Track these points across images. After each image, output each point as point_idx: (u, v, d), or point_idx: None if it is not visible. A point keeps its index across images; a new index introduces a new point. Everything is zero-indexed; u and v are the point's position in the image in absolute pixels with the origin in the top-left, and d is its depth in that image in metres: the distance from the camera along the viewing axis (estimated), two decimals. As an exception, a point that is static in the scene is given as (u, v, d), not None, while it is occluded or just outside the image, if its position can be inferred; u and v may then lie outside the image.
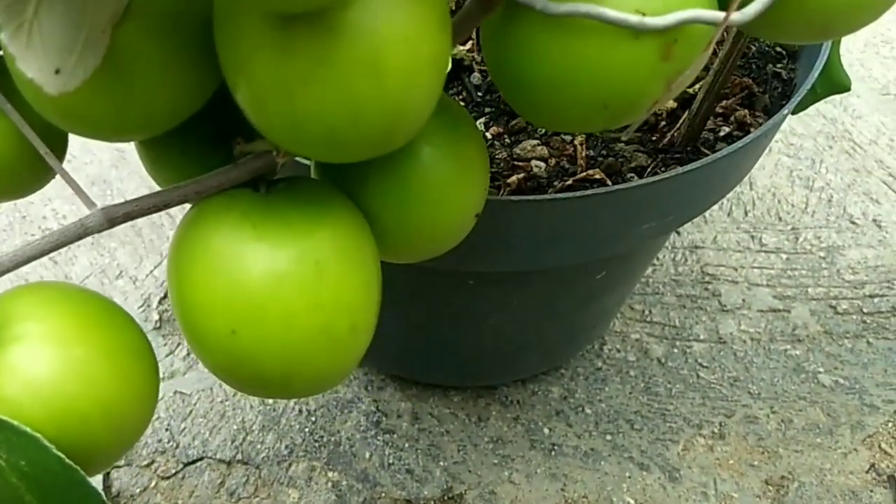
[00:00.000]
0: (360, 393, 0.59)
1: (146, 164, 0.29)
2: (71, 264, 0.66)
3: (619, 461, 0.55)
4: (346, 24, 0.20)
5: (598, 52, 0.23)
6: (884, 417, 0.57)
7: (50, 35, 0.19)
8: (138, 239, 0.67)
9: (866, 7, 0.24)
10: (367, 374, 0.59)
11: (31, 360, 0.23)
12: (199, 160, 0.27)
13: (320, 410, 0.58)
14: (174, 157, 0.28)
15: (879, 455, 0.56)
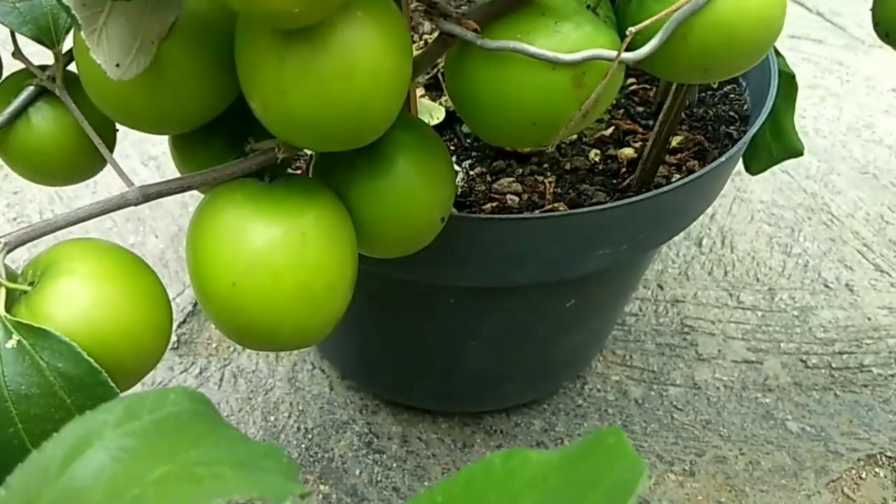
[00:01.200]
0: (355, 415, 0.65)
1: (175, 156, 0.37)
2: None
3: (592, 491, 0.60)
4: (327, 43, 0.28)
5: (524, 80, 0.31)
6: (847, 464, 0.62)
7: (114, 40, 0.28)
8: (165, 270, 0.75)
9: (739, 56, 0.32)
10: (362, 399, 0.66)
11: (75, 289, 0.31)
12: (217, 155, 0.36)
13: (317, 429, 0.65)
14: (198, 152, 0.36)
15: (842, 499, 0.61)
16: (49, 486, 0.21)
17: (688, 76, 0.33)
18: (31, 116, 0.35)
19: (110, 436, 0.22)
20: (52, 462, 0.21)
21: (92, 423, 0.22)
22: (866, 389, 0.66)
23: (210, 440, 0.22)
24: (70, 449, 0.21)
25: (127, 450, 0.21)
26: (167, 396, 0.23)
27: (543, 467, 0.21)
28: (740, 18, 0.31)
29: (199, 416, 0.23)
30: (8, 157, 0.36)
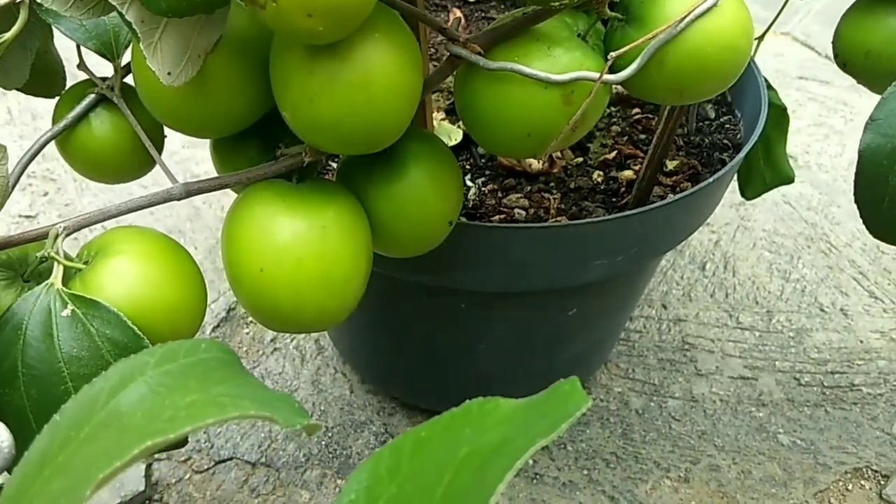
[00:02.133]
0: (373, 416, 0.69)
1: (215, 159, 0.42)
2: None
3: (593, 493, 0.63)
4: (349, 58, 0.32)
5: (520, 97, 0.35)
6: (835, 476, 0.64)
7: (167, 52, 0.32)
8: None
9: (709, 80, 0.36)
10: (379, 402, 0.69)
11: (123, 268, 0.35)
12: (251, 158, 0.40)
13: (336, 428, 0.68)
14: (235, 154, 0.40)
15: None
16: (97, 411, 0.25)
17: (664, 97, 0.37)
18: (92, 121, 0.40)
19: (150, 373, 0.25)
20: (100, 393, 0.25)
21: (135, 362, 0.26)
22: (856, 407, 0.68)
23: (234, 381, 0.26)
24: (116, 382, 0.25)
25: (163, 384, 0.25)
26: (199, 345, 0.27)
27: (511, 409, 0.24)
28: (710, 47, 0.34)
29: (226, 363, 0.27)
30: (69, 156, 0.41)
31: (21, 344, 0.34)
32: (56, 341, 0.34)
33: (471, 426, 0.24)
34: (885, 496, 0.61)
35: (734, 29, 0.35)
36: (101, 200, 0.89)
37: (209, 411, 0.23)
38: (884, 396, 0.68)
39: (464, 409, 0.25)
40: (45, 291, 0.34)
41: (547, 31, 0.35)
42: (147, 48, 0.31)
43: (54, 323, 0.34)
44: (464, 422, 0.24)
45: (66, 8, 0.33)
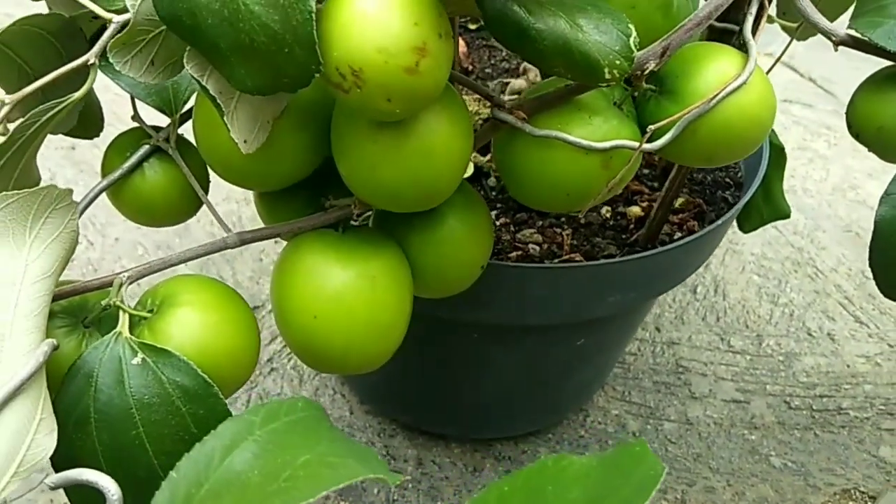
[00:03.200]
0: (374, 438, 0.73)
1: (261, 207, 0.46)
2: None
3: (591, 515, 0.68)
4: (412, 129, 0.37)
5: (563, 161, 0.40)
6: (824, 497, 0.70)
7: (241, 121, 0.36)
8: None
9: (736, 148, 0.41)
10: (380, 423, 0.74)
11: (190, 316, 0.39)
12: (297, 208, 0.44)
13: (340, 449, 0.72)
14: (282, 205, 0.44)
15: (817, 530, 0.69)
16: (213, 470, 0.29)
17: (693, 162, 0.42)
18: (146, 170, 0.44)
19: (258, 433, 0.29)
20: (213, 452, 0.29)
21: (242, 422, 0.30)
22: (843, 430, 0.74)
23: (330, 438, 0.30)
24: (228, 442, 0.29)
25: (271, 443, 0.29)
26: (297, 404, 0.31)
27: (585, 467, 0.29)
28: (738, 120, 0.39)
29: (319, 420, 0.31)
30: (121, 203, 0.45)
31: (93, 391, 0.37)
32: (127, 388, 0.37)
33: (551, 483, 0.28)
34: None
35: (761, 104, 0.40)
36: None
37: (323, 473, 0.27)
38: (870, 420, 0.75)
39: (539, 465, 0.29)
40: (115, 340, 0.38)
41: (588, 102, 0.40)
42: (226, 117, 0.35)
43: (125, 371, 0.37)
44: (542, 478, 0.29)
45: (140, 73, 0.37)
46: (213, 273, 0.84)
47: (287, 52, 0.32)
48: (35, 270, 0.35)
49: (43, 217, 0.36)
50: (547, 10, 0.36)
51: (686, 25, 0.38)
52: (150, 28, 0.36)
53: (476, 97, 0.64)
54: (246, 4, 0.32)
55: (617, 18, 0.36)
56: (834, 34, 0.40)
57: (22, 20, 0.38)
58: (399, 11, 0.32)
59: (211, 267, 0.85)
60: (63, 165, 0.94)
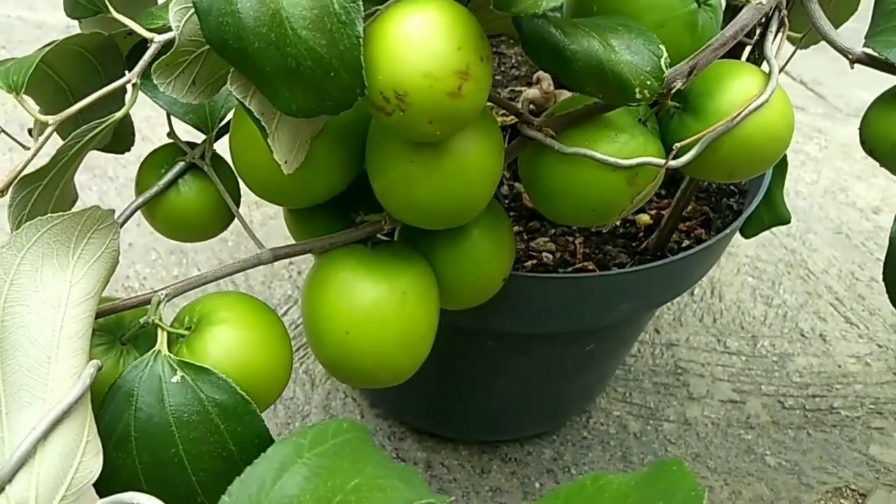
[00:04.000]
0: (384, 441, 0.73)
1: (291, 223, 0.45)
2: (145, 318, 0.81)
3: (596, 514, 0.68)
4: (449, 148, 0.37)
5: (589, 178, 0.40)
6: (817, 495, 0.71)
7: (282, 141, 0.36)
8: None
9: (757, 164, 0.41)
10: (390, 426, 0.74)
11: (228, 334, 0.39)
12: (327, 224, 0.44)
13: (350, 452, 0.72)
14: (312, 221, 0.44)
15: (812, 526, 0.69)
16: (265, 491, 0.28)
17: (714, 177, 0.42)
18: (181, 187, 0.43)
19: (307, 456, 0.29)
20: (265, 475, 0.29)
21: (290, 445, 0.30)
22: (835, 429, 0.75)
23: (375, 460, 0.30)
24: (278, 465, 0.29)
25: (321, 467, 0.29)
26: (342, 425, 0.31)
27: (624, 486, 0.29)
28: (760, 137, 0.40)
29: (364, 440, 0.31)
30: (155, 219, 0.44)
31: (133, 409, 0.37)
32: (167, 406, 0.37)
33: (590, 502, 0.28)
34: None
35: (781, 122, 0.40)
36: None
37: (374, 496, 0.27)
38: (861, 419, 0.75)
39: (578, 484, 0.29)
40: (154, 358, 0.37)
41: (614, 119, 0.40)
42: (269, 137, 0.35)
43: (165, 389, 0.37)
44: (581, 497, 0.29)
45: (182, 94, 0.36)
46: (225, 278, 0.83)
47: (333, 75, 0.32)
48: (79, 292, 0.34)
49: (86, 238, 0.35)
50: (581, 31, 0.36)
51: (713, 45, 0.38)
52: (193, 49, 0.36)
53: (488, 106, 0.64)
54: (294, 29, 0.32)
55: (648, 39, 0.36)
56: (851, 53, 0.41)
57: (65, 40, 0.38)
58: (444, 36, 0.32)
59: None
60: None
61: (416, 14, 0.33)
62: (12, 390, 0.33)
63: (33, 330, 0.33)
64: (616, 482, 0.30)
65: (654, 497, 0.28)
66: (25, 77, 0.35)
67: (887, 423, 0.75)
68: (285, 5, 0.32)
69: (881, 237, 0.92)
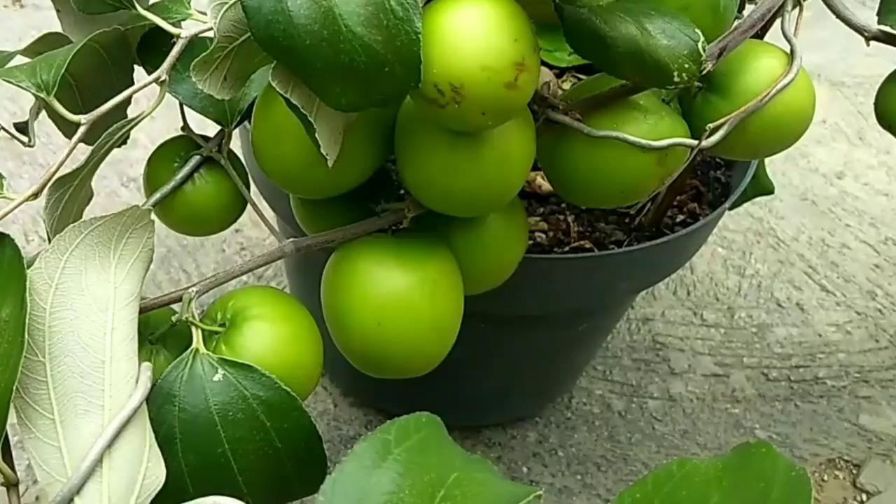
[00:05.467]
0: (361, 430, 0.76)
1: (302, 215, 0.48)
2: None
3: (589, 498, 0.74)
4: (489, 138, 0.40)
5: (620, 161, 0.44)
6: (811, 468, 0.78)
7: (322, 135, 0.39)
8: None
9: (783, 141, 0.46)
10: (365, 415, 0.77)
11: (265, 330, 0.42)
12: (342, 214, 0.47)
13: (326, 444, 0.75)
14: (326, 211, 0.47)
15: (800, 497, 0.76)
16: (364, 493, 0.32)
17: (739, 155, 0.47)
18: (196, 181, 0.46)
19: (396, 452, 0.33)
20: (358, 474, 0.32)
21: (379, 442, 0.33)
22: (822, 400, 0.82)
23: (458, 453, 0.34)
24: (369, 463, 0.32)
25: (413, 462, 0.32)
26: (421, 419, 0.34)
27: (713, 470, 0.33)
28: (787, 115, 0.45)
29: (442, 433, 0.35)
30: (170, 215, 0.46)
31: (177, 411, 0.39)
32: (211, 405, 0.40)
33: (683, 488, 0.32)
34: (860, 485, 0.76)
35: (806, 98, 0.45)
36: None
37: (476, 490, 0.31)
38: (847, 388, 0.83)
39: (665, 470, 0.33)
40: (193, 357, 0.40)
41: (641, 101, 0.44)
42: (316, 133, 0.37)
43: (207, 388, 0.40)
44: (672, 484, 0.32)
45: (217, 90, 0.39)
46: (176, 266, 0.85)
47: (388, 70, 0.35)
48: (123, 293, 0.37)
49: (125, 238, 0.37)
50: (617, 17, 0.40)
51: (742, 27, 0.43)
52: (227, 44, 0.38)
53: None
54: (347, 26, 0.35)
55: (682, 23, 0.41)
56: (867, 30, 0.46)
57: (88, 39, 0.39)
58: (500, 28, 0.36)
59: (173, 259, 0.85)
60: (5, 158, 0.93)
61: (471, 6, 0.36)
62: (66, 397, 0.35)
63: (83, 334, 0.36)
64: (702, 467, 0.33)
65: (751, 480, 0.32)
66: (56, 77, 0.37)
67: (874, 391, 0.83)
68: (338, 3, 0.35)
69: (847, 203, 1.00)
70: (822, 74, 1.17)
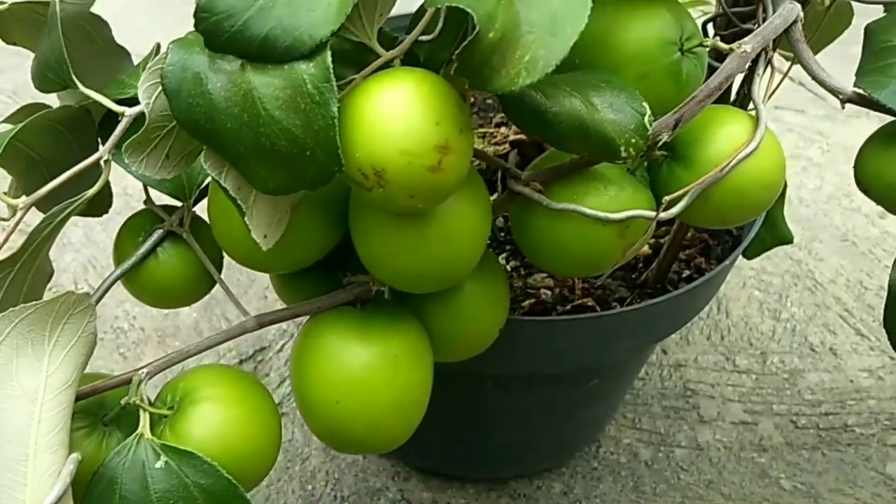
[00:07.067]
0: (388, 482, 0.73)
1: (277, 286, 0.45)
2: (139, 360, 0.81)
3: (612, 549, 0.69)
4: (433, 216, 0.36)
5: (580, 232, 0.40)
6: (835, 518, 0.71)
7: (260, 215, 0.36)
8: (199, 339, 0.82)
9: (748, 211, 0.41)
10: (393, 466, 0.74)
11: (212, 414, 0.39)
12: (314, 285, 0.44)
13: (353, 497, 0.72)
14: (299, 283, 0.44)
15: (830, 549, 0.69)
16: None
17: (706, 224, 0.42)
18: (160, 255, 0.43)
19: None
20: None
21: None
22: (850, 448, 0.74)
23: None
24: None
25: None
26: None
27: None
28: (751, 185, 0.40)
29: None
30: (135, 288, 0.44)
31: (117, 498, 0.37)
32: (152, 493, 0.37)
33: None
34: (886, 539, 0.68)
35: (772, 168, 0.40)
36: (83, 255, 0.90)
37: None
38: (876, 437, 0.75)
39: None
40: (136, 443, 0.37)
41: (602, 171, 0.40)
42: (246, 214, 0.34)
43: (149, 475, 0.37)
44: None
45: (156, 170, 0.36)
46: (217, 313, 0.83)
47: (309, 154, 0.32)
48: (55, 382, 0.34)
49: (61, 324, 0.35)
50: (562, 91, 0.36)
51: (697, 97, 0.38)
52: (165, 123, 0.36)
53: (479, 133, 0.64)
54: (266, 109, 0.32)
55: (631, 96, 0.36)
56: (841, 92, 0.40)
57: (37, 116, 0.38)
58: (421, 111, 0.32)
59: (215, 307, 0.84)
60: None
61: (392, 88, 0.33)
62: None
63: (8, 427, 0.33)
64: None
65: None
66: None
67: (903, 439, 0.75)
68: (257, 85, 0.32)
69: (889, 243, 0.92)
70: (872, 112, 1.08)
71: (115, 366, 0.81)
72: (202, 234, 0.44)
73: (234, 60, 0.32)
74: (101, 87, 0.41)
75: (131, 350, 0.83)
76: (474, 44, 0.30)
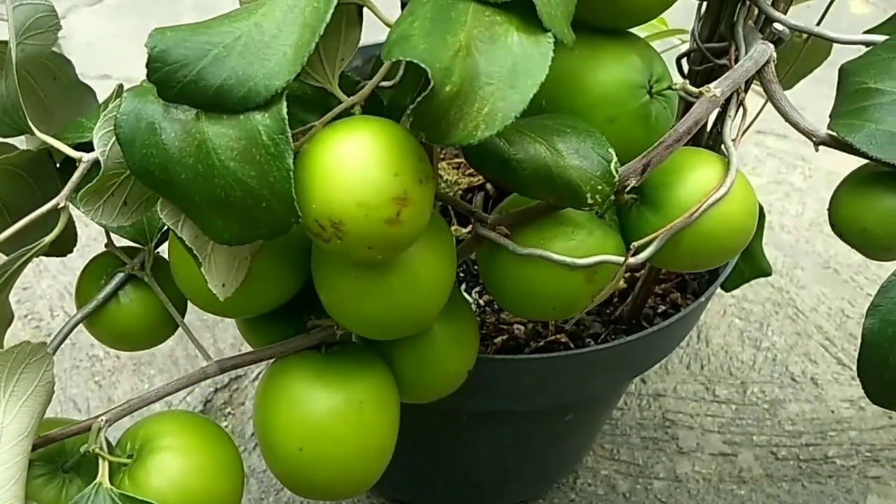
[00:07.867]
0: (364, 513, 0.72)
1: (243, 330, 0.44)
2: (114, 388, 0.80)
3: (588, 586, 0.68)
4: (395, 264, 0.36)
5: (547, 278, 0.39)
6: (814, 551, 0.70)
7: (219, 263, 0.35)
8: (175, 367, 0.81)
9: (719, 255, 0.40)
10: (369, 498, 0.73)
11: (171, 463, 0.38)
12: (279, 329, 0.43)
13: (336, 530, 0.71)
14: (264, 327, 0.43)
15: (808, 581, 0.69)
16: None
17: (677, 268, 0.41)
18: (121, 298, 0.42)
19: None
20: None
21: None
22: (830, 480, 0.74)
23: None
24: None
25: None
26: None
27: None
28: (721, 230, 0.39)
29: None
30: (97, 331, 0.43)
31: (77, 549, 0.36)
32: (111, 545, 0.36)
33: None
34: (865, 575, 0.67)
35: (742, 213, 0.39)
36: (59, 283, 0.89)
37: None
38: (856, 468, 0.75)
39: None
40: (95, 492, 0.37)
41: (570, 215, 0.39)
42: (203, 263, 0.34)
43: (108, 526, 0.36)
44: None
45: (112, 218, 0.35)
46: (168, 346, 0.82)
47: (265, 206, 0.31)
48: (11, 433, 0.34)
49: (17, 375, 0.34)
50: (526, 137, 0.35)
51: (665, 142, 0.37)
52: (121, 170, 0.35)
53: (454, 164, 0.63)
54: (221, 160, 0.31)
55: (597, 141, 0.36)
56: (815, 135, 0.40)
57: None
58: (378, 163, 0.32)
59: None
60: None
61: (350, 138, 0.32)
62: (-59, 549, 0.32)
63: (-38, 482, 0.32)
64: None
65: None
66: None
67: (884, 471, 0.75)
68: (211, 136, 0.31)
69: (871, 271, 0.92)
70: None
71: (91, 394, 0.80)
72: (165, 277, 0.43)
73: (188, 110, 0.31)
74: (64, 126, 0.41)
75: (106, 378, 0.82)
76: (430, 98, 0.29)
